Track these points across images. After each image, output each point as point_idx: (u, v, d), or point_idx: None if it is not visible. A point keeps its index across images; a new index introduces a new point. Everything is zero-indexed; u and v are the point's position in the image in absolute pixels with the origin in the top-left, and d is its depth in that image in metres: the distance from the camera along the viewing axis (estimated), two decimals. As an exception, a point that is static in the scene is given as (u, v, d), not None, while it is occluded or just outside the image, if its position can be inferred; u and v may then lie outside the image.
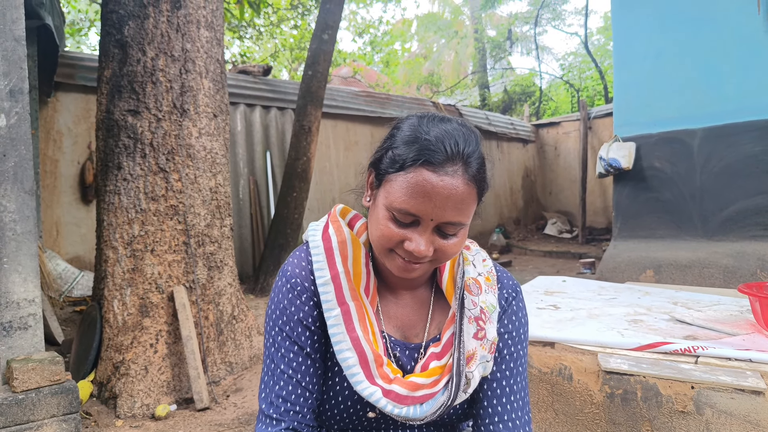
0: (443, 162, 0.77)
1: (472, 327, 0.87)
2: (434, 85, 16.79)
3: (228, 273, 3.30)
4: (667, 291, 2.51)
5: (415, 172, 0.77)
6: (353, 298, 0.86)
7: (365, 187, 0.91)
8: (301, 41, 12.05)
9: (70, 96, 5.30)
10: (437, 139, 0.78)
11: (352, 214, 0.97)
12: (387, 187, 0.81)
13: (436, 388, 0.85)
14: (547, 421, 1.72)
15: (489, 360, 0.88)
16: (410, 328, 0.94)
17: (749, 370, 1.42)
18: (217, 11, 3.31)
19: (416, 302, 0.95)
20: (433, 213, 0.77)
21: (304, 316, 0.88)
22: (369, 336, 0.86)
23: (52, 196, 5.14)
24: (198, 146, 3.11)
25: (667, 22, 4.05)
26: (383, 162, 0.83)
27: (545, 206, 11.35)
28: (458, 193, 0.77)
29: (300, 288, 0.89)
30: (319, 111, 5.81)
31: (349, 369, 0.84)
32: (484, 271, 0.94)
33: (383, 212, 0.81)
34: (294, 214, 5.69)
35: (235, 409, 2.76)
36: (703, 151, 3.86)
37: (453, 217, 0.78)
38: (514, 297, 0.96)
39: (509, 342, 0.93)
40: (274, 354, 0.89)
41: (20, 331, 2.29)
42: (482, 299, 0.90)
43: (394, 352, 0.91)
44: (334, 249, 0.89)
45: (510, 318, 0.94)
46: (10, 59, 2.27)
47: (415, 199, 0.77)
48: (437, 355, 0.88)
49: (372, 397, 0.83)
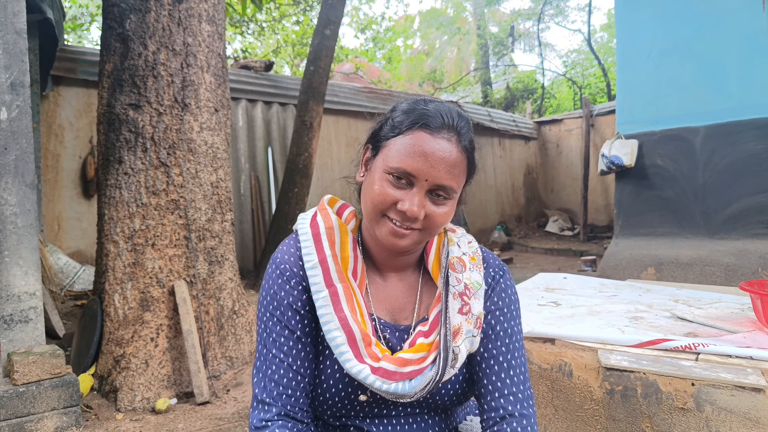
0: (439, 127, 0.84)
1: (457, 302, 0.89)
2: (436, 81, 16.75)
3: (229, 268, 3.30)
4: (668, 288, 2.51)
5: (413, 134, 0.83)
6: (341, 280, 0.88)
7: (359, 164, 0.95)
8: (303, 37, 12.02)
9: (72, 90, 5.30)
10: (435, 109, 0.85)
11: (340, 203, 1.01)
12: (385, 151, 0.86)
13: (424, 363, 0.86)
14: (547, 417, 1.72)
15: (476, 335, 0.89)
16: (399, 311, 0.96)
17: (750, 367, 1.42)
18: (219, 5, 3.30)
19: (405, 285, 0.97)
20: (428, 173, 0.82)
21: (293, 300, 0.90)
22: (357, 316, 0.87)
23: (53, 190, 5.14)
24: (199, 141, 3.11)
25: (670, 20, 4.03)
26: (382, 131, 0.89)
27: (547, 203, 11.33)
28: (452, 156, 0.83)
29: (289, 273, 0.91)
30: (320, 107, 5.80)
31: (337, 348, 0.86)
32: (469, 251, 0.96)
33: (380, 175, 0.85)
34: (295, 209, 5.69)
35: (236, 404, 2.77)
36: (706, 149, 3.85)
37: (445, 179, 0.83)
38: (501, 275, 0.98)
39: (501, 318, 0.94)
40: (266, 339, 0.90)
41: (21, 324, 2.29)
42: (466, 276, 0.92)
43: (384, 334, 0.93)
44: (322, 234, 0.91)
45: (499, 295, 0.96)
46: (11, 52, 2.27)
47: (412, 158, 0.82)
48: (425, 333, 0.89)
49: (361, 374, 0.84)
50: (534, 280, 2.79)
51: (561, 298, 2.32)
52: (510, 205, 10.65)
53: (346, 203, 1.01)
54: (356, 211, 1.00)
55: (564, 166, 10.99)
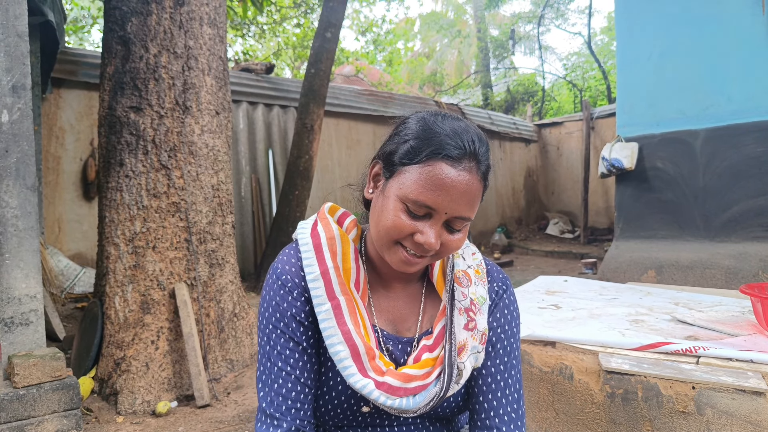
0: (461, 157, 0.79)
1: (463, 318, 0.88)
2: (437, 84, 16.78)
3: (229, 270, 3.30)
4: (668, 291, 2.51)
5: (434, 165, 0.78)
6: (343, 293, 0.87)
7: (367, 179, 0.91)
8: (304, 39, 12.05)
9: (73, 92, 5.31)
10: (454, 134, 0.80)
11: (340, 211, 0.98)
12: (401, 178, 0.81)
13: (428, 379, 0.85)
14: (547, 421, 1.72)
15: (480, 351, 0.88)
16: (402, 322, 0.95)
17: (750, 370, 1.42)
18: (220, 8, 3.31)
19: (408, 296, 0.96)
20: (448, 207, 0.78)
21: (296, 311, 0.88)
22: (360, 329, 0.86)
23: (54, 192, 5.14)
24: (200, 143, 3.11)
25: (670, 23, 4.04)
26: (397, 153, 0.83)
27: (547, 206, 11.33)
28: (473, 188, 0.79)
29: (291, 284, 0.89)
30: (321, 109, 5.81)
31: (341, 362, 0.85)
32: (474, 263, 0.95)
33: (395, 203, 0.81)
34: (296, 212, 5.70)
35: (236, 407, 2.76)
36: (706, 152, 3.85)
37: (465, 211, 0.80)
38: (504, 290, 0.97)
39: (502, 336, 0.94)
40: (270, 352, 0.89)
41: (22, 327, 2.29)
42: (472, 291, 0.91)
43: (387, 345, 0.92)
44: (323, 245, 0.89)
45: (502, 311, 0.95)
46: (12, 55, 2.27)
47: (432, 192, 0.78)
48: (429, 347, 0.88)
49: (365, 389, 0.83)
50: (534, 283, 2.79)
51: (562, 301, 2.31)
52: (510, 207, 10.65)
53: (347, 212, 0.99)
54: (357, 220, 0.98)
55: (564, 168, 10.99)
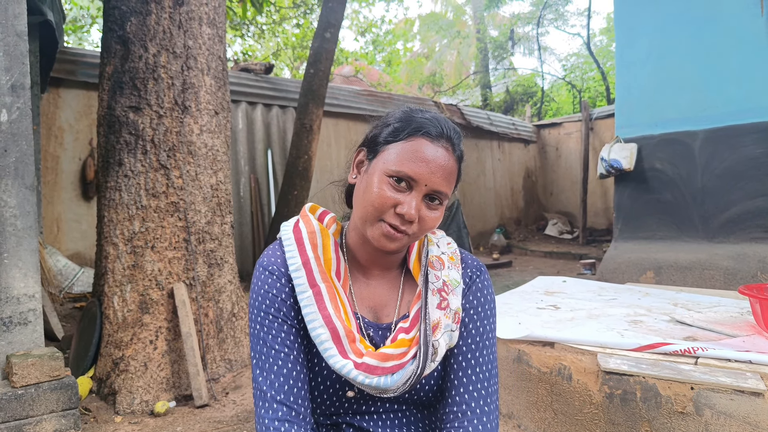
0: (438, 136, 0.89)
1: (436, 298, 0.93)
2: (436, 84, 16.77)
3: (228, 270, 3.30)
4: (667, 292, 2.51)
5: (415, 140, 0.88)
6: (324, 280, 0.92)
7: (351, 166, 1.00)
8: (303, 40, 12.05)
9: (72, 92, 5.30)
10: (432, 118, 0.91)
11: (320, 210, 1.05)
12: (384, 155, 0.90)
13: (405, 358, 0.89)
14: (546, 421, 1.72)
15: (454, 330, 0.92)
16: (382, 309, 1.00)
17: (749, 371, 1.42)
18: (219, 8, 3.30)
19: (387, 284, 1.02)
20: (428, 178, 0.86)
21: (286, 297, 0.94)
22: (341, 314, 0.91)
23: (53, 192, 5.14)
24: (199, 143, 3.11)
25: (669, 24, 4.04)
26: (381, 135, 0.93)
27: (546, 207, 11.34)
28: (449, 164, 0.89)
29: (277, 273, 0.95)
30: (320, 109, 5.81)
31: (321, 344, 0.89)
32: (448, 251, 1.01)
33: (380, 178, 0.88)
34: (295, 212, 5.69)
35: (234, 407, 2.76)
36: (705, 153, 3.86)
37: (442, 185, 0.88)
38: (478, 275, 1.02)
39: (474, 317, 0.98)
40: (264, 337, 0.93)
41: (20, 327, 2.29)
42: (444, 273, 0.96)
43: (368, 332, 0.97)
44: (304, 239, 0.96)
45: (475, 294, 1.00)
46: (11, 54, 2.27)
47: (414, 163, 0.86)
48: (405, 329, 0.93)
49: (344, 369, 0.87)
50: (533, 284, 2.79)
51: (560, 302, 2.32)
52: (509, 208, 10.66)
53: (327, 210, 1.06)
54: (336, 217, 1.05)
55: (563, 169, 11.00)
